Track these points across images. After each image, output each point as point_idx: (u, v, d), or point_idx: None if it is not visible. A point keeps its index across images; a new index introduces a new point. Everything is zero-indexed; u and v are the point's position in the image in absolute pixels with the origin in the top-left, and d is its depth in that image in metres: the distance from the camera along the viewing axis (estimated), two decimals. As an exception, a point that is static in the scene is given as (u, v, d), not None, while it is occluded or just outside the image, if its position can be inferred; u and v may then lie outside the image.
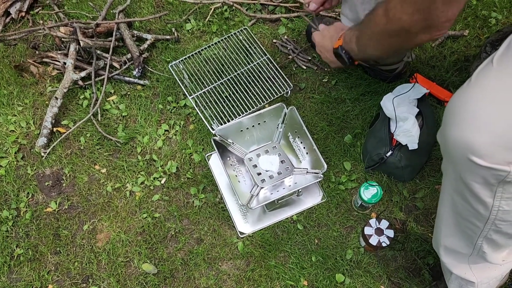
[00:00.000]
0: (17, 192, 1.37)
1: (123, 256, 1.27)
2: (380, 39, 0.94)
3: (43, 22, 1.65)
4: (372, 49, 1.00)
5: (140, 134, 1.43)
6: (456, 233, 0.93)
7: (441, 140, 0.80)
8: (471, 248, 0.92)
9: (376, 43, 0.97)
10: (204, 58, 1.49)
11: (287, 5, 1.60)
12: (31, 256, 1.28)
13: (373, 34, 0.95)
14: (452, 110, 0.76)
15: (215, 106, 1.40)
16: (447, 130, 0.76)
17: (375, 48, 0.99)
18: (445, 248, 0.99)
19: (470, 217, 0.84)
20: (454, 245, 0.96)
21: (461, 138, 0.72)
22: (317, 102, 1.44)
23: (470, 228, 0.87)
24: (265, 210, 1.29)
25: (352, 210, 1.29)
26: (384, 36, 0.92)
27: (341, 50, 1.07)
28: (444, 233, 0.96)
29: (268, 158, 1.27)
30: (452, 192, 0.85)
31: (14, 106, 1.51)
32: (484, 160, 0.71)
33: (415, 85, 1.29)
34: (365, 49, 1.01)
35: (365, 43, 1.00)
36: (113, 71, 1.52)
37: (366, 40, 0.99)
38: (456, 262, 0.99)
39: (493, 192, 0.76)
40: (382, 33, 0.91)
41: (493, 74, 0.74)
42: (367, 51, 1.02)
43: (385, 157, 1.25)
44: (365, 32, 0.98)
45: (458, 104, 0.75)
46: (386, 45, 0.95)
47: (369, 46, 1.00)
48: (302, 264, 1.22)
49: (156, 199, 1.33)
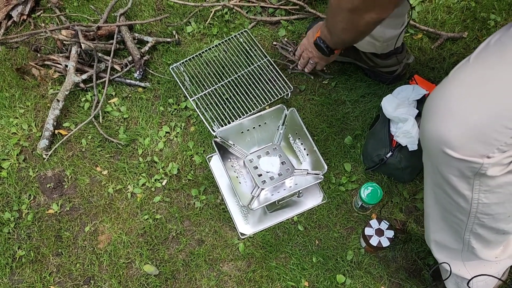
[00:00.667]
0: (19, 194, 1.38)
1: (125, 258, 1.27)
2: (337, 21, 1.03)
3: (45, 25, 1.66)
4: (338, 31, 1.08)
5: (141, 136, 1.44)
6: (443, 227, 0.94)
7: (420, 135, 0.83)
8: (461, 243, 0.93)
9: (336, 25, 1.05)
10: (205, 60, 1.50)
11: (287, 7, 1.61)
12: (33, 258, 1.29)
13: (332, 18, 1.05)
14: (428, 105, 0.78)
15: (216, 108, 1.40)
16: (424, 124, 0.78)
17: (339, 30, 1.07)
18: (435, 243, 1.00)
19: (453, 210, 0.86)
20: (443, 240, 0.97)
21: (436, 132, 0.74)
22: (317, 103, 1.44)
23: (455, 222, 0.89)
24: (266, 211, 1.30)
25: (352, 211, 1.29)
26: (338, 17, 1.01)
27: (319, 40, 1.18)
28: (432, 228, 0.97)
29: (269, 160, 1.28)
30: (433, 186, 0.87)
31: (16, 109, 1.51)
32: (457, 152, 0.73)
33: (415, 87, 1.29)
34: (333, 33, 1.11)
35: (331, 28, 1.10)
36: (114, 73, 1.53)
37: (331, 24, 1.09)
38: (450, 258, 1.00)
39: (470, 185, 0.77)
40: (337, 14, 1.00)
41: (468, 69, 0.76)
42: (335, 35, 1.11)
43: (385, 158, 1.25)
44: (328, 17, 1.09)
45: (434, 99, 0.77)
46: (342, 26, 1.03)
47: (334, 29, 1.09)
48: (303, 265, 1.23)
49: (157, 201, 1.34)
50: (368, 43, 1.31)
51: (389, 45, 1.31)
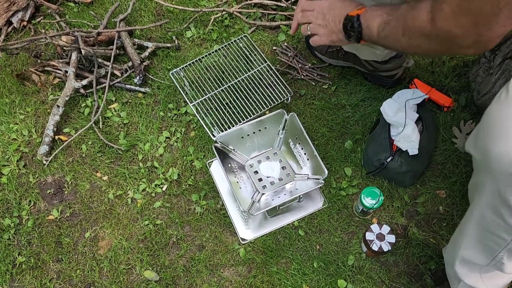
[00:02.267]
0: (19, 200, 1.37)
1: (125, 264, 1.27)
2: (414, 40, 0.83)
3: (45, 31, 1.66)
4: (396, 43, 0.89)
5: (141, 142, 1.44)
6: (477, 246, 0.92)
7: (477, 153, 0.77)
8: (490, 259, 0.92)
9: (405, 40, 0.85)
10: (205, 65, 1.50)
11: (286, 13, 1.61)
12: (33, 264, 1.28)
13: (406, 32, 0.83)
14: (492, 123, 0.72)
15: (216, 113, 1.40)
16: (488, 144, 0.72)
17: (401, 44, 0.87)
18: (462, 259, 0.98)
19: (499, 231, 0.83)
20: (472, 257, 0.95)
21: (505, 153, 0.70)
22: (317, 108, 1.44)
23: (495, 242, 0.86)
24: (266, 216, 1.30)
25: (353, 215, 1.29)
26: (420, 39, 0.81)
27: (357, 20, 0.93)
28: (464, 245, 0.95)
29: (269, 164, 1.28)
30: (484, 208, 0.82)
31: (16, 115, 1.51)
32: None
33: (415, 91, 1.29)
34: (387, 39, 0.90)
35: (390, 34, 0.88)
36: (114, 79, 1.53)
37: (393, 32, 0.87)
38: (469, 272, 0.99)
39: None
40: (420, 37, 0.80)
41: None
42: (388, 41, 0.90)
43: (385, 162, 1.25)
44: (396, 25, 0.86)
45: (501, 117, 0.72)
46: (416, 47, 0.86)
47: (394, 39, 0.88)
48: (304, 270, 1.22)
49: (158, 206, 1.34)
50: (369, 52, 1.31)
51: (390, 52, 1.31)
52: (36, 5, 1.72)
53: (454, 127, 1.36)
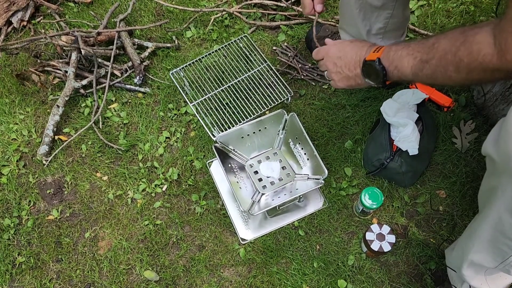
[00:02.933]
0: (19, 200, 1.37)
1: (125, 264, 1.27)
2: (473, 75, 0.74)
3: (45, 31, 1.66)
4: (445, 80, 0.80)
5: (141, 142, 1.44)
6: (487, 249, 0.91)
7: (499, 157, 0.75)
8: (498, 262, 0.91)
9: (461, 76, 0.76)
10: (205, 65, 1.50)
11: (286, 13, 1.61)
12: (33, 264, 1.28)
13: (462, 69, 0.74)
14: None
15: (216, 113, 1.40)
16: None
17: (453, 80, 0.78)
18: (471, 262, 0.97)
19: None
20: (481, 260, 0.95)
21: None
22: (317, 108, 1.44)
23: (508, 245, 0.85)
24: (266, 216, 1.30)
25: (353, 215, 1.29)
26: (482, 74, 0.73)
27: (378, 64, 0.87)
28: (475, 249, 0.94)
29: (269, 164, 1.28)
30: (503, 211, 0.81)
31: (16, 115, 1.51)
32: None
33: (415, 91, 1.29)
34: (431, 77, 0.81)
35: (435, 73, 0.79)
36: (114, 79, 1.53)
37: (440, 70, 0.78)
38: (475, 274, 0.99)
39: None
40: (483, 71, 0.72)
41: None
42: (432, 79, 0.82)
43: (385, 162, 1.25)
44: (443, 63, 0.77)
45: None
46: (476, 81, 0.78)
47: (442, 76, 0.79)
48: (304, 270, 1.22)
49: (158, 206, 1.34)
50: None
51: None
52: (36, 5, 1.72)
53: (454, 127, 1.36)
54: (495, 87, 1.27)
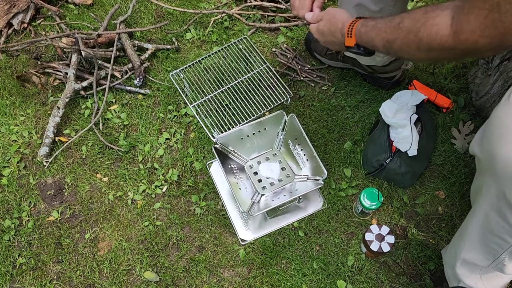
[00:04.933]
0: (19, 202, 1.38)
1: (125, 265, 1.27)
2: (432, 53, 0.79)
3: (45, 33, 1.67)
4: (410, 56, 0.88)
5: (141, 143, 1.44)
6: (478, 247, 0.92)
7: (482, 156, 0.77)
8: (491, 261, 0.92)
9: (422, 54, 0.82)
10: (205, 67, 1.50)
11: (285, 15, 1.62)
12: (33, 265, 1.28)
13: (422, 47, 0.79)
14: (499, 126, 0.72)
15: (216, 114, 1.41)
16: (494, 146, 0.72)
17: (417, 57, 0.86)
18: (463, 261, 0.98)
19: (502, 233, 0.83)
20: (473, 259, 0.95)
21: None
22: (317, 109, 1.45)
23: (497, 243, 0.86)
24: (266, 217, 1.30)
25: (352, 216, 1.29)
26: (439, 52, 0.78)
27: (358, 48, 0.95)
28: (466, 248, 0.95)
29: (269, 165, 1.28)
30: (489, 210, 0.82)
31: (16, 116, 1.52)
32: None
33: (414, 92, 1.30)
34: (399, 53, 0.88)
35: (401, 50, 0.85)
36: (114, 80, 1.53)
37: (405, 47, 0.84)
38: (469, 273, 1.00)
39: None
40: (440, 50, 0.77)
41: None
42: (402, 55, 0.91)
43: (385, 163, 1.26)
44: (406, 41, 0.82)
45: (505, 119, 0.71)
46: (435, 59, 0.87)
47: (407, 53, 0.86)
48: (303, 270, 1.22)
49: (158, 207, 1.34)
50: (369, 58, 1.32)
51: (390, 57, 1.31)
52: (37, 7, 1.72)
53: (453, 128, 1.37)
54: (493, 88, 1.27)
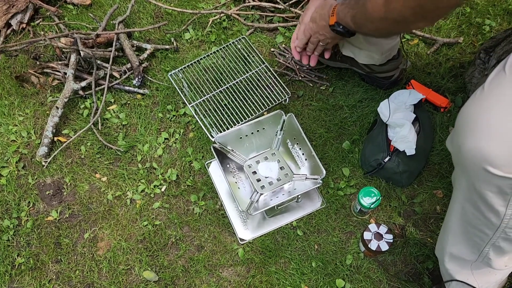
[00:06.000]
0: (18, 201, 1.38)
1: (124, 264, 1.27)
2: (377, 24, 0.96)
3: (44, 33, 1.67)
4: (367, 29, 1.03)
5: (140, 143, 1.44)
6: (462, 241, 0.93)
7: (453, 149, 0.79)
8: (477, 255, 0.92)
9: (372, 25, 0.98)
10: (203, 67, 1.51)
11: (284, 15, 1.62)
12: (32, 265, 1.28)
13: (369, 18, 0.96)
14: (465, 119, 0.74)
15: (215, 114, 1.41)
16: (461, 139, 0.74)
17: (371, 30, 1.02)
18: (450, 255, 0.99)
19: (480, 225, 0.84)
20: (459, 253, 0.96)
21: (477, 149, 0.71)
22: (315, 109, 1.45)
23: (478, 236, 0.87)
24: (265, 217, 1.30)
25: (351, 215, 1.30)
26: (380, 22, 0.93)
27: (338, 26, 1.09)
28: (451, 241, 0.96)
29: (268, 165, 1.28)
30: (463, 202, 0.84)
31: (15, 116, 1.52)
32: (501, 170, 0.70)
33: (412, 91, 1.30)
34: (361, 28, 1.04)
35: (360, 23, 1.02)
36: (113, 80, 1.54)
37: (362, 21, 1.01)
38: (459, 268, 1.00)
39: (506, 201, 0.76)
40: (380, 20, 0.92)
41: (507, 82, 0.73)
42: (363, 29, 1.05)
43: (383, 162, 1.26)
44: (361, 14, 0.99)
45: (472, 113, 0.73)
46: (382, 29, 0.98)
47: (365, 26, 1.02)
48: (302, 269, 1.23)
49: (157, 207, 1.34)
50: (367, 56, 1.33)
51: (387, 56, 1.32)
52: (35, 8, 1.73)
53: (450, 128, 1.37)
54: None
